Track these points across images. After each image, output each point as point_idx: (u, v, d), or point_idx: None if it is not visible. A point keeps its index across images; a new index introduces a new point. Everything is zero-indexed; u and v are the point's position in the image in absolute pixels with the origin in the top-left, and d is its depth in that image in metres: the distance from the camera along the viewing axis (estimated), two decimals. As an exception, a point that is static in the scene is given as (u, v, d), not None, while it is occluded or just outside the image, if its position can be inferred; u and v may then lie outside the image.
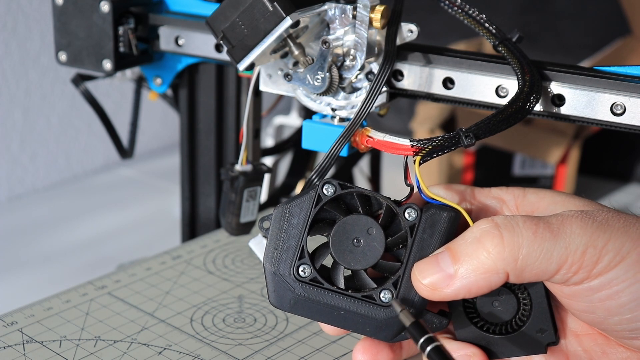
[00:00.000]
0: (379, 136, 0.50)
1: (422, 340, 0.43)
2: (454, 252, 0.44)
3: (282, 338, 0.58)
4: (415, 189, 0.48)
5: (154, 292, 0.63)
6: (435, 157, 0.47)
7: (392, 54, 0.55)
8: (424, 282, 0.45)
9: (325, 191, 0.47)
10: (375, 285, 0.47)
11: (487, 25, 0.56)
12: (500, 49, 0.55)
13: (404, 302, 0.46)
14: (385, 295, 0.46)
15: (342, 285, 0.47)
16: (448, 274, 0.44)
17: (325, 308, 0.47)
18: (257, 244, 0.54)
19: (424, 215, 0.46)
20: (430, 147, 0.47)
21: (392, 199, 0.48)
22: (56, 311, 0.60)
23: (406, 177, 0.48)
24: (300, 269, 0.47)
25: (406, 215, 0.46)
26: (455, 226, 0.47)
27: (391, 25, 0.56)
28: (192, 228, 0.79)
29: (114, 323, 0.59)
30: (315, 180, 0.50)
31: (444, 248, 0.45)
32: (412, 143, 0.48)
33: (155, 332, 0.58)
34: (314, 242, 0.48)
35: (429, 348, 0.43)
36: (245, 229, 0.66)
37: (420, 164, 0.47)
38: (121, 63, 0.68)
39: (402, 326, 0.46)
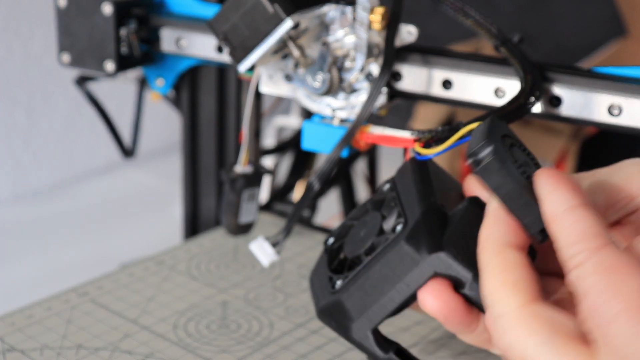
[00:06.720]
0: (378, 130, 0.51)
1: None
2: None
3: (266, 344, 0.57)
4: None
5: (137, 298, 0.62)
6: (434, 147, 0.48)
7: (391, 59, 0.55)
8: None
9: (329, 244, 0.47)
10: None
11: (487, 26, 0.56)
12: (502, 49, 0.56)
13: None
14: (399, 227, 0.43)
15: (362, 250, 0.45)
16: None
17: (373, 284, 0.43)
18: (258, 247, 0.54)
19: (397, 174, 0.46)
20: (430, 137, 0.48)
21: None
22: (37, 319, 0.59)
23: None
24: (337, 285, 0.44)
25: (384, 189, 0.46)
26: (423, 166, 0.46)
27: (390, 27, 0.57)
28: (193, 228, 0.79)
29: (96, 331, 0.58)
30: (316, 184, 0.52)
31: None
32: (412, 134, 0.48)
33: (138, 340, 0.57)
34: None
35: None
36: (244, 229, 0.67)
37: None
38: (123, 64, 0.68)
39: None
